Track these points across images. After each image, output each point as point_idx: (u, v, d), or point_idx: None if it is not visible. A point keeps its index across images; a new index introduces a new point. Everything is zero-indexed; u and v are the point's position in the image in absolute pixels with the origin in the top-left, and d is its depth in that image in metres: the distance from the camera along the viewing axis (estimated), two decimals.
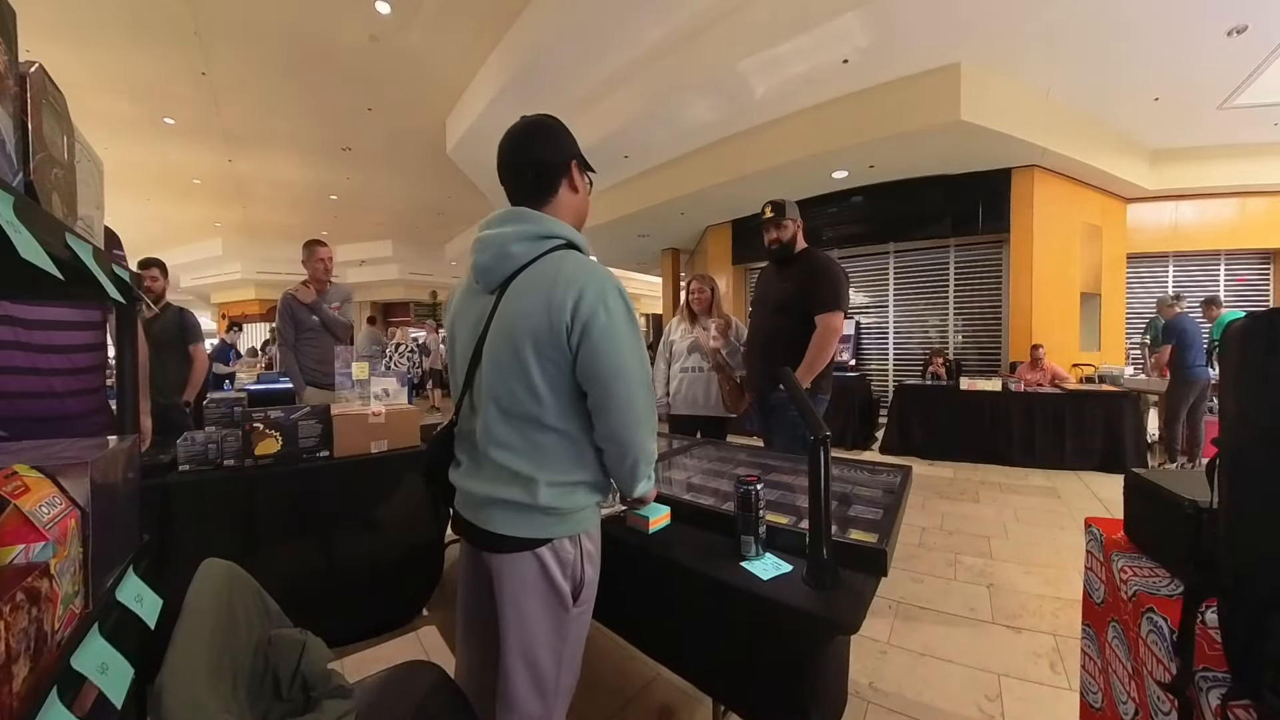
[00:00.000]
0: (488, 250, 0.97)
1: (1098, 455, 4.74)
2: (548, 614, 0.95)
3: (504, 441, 0.94)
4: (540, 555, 0.94)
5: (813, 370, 2.25)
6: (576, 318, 0.88)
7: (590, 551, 1.00)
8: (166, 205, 10.43)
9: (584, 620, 1.02)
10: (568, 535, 0.96)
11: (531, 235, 0.95)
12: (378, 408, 2.12)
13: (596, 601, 1.05)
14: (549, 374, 0.91)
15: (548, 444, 0.94)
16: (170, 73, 5.78)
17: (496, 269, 0.96)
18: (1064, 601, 2.31)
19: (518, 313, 0.92)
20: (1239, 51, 4.45)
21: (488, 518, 0.95)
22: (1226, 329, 0.67)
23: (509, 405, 0.93)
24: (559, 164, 1.01)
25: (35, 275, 0.58)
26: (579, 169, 1.04)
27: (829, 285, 2.27)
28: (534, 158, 1.00)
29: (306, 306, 3.24)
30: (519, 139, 1.00)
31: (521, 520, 0.93)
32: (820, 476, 0.98)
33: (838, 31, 4.15)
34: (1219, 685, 0.66)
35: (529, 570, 0.94)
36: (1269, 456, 0.58)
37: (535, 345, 0.90)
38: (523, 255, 0.94)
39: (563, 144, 1.02)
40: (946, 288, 6.80)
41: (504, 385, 0.93)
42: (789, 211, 2.41)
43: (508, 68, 5.56)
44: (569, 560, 0.96)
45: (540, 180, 1.00)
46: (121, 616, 0.80)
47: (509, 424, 0.94)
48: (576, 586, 0.98)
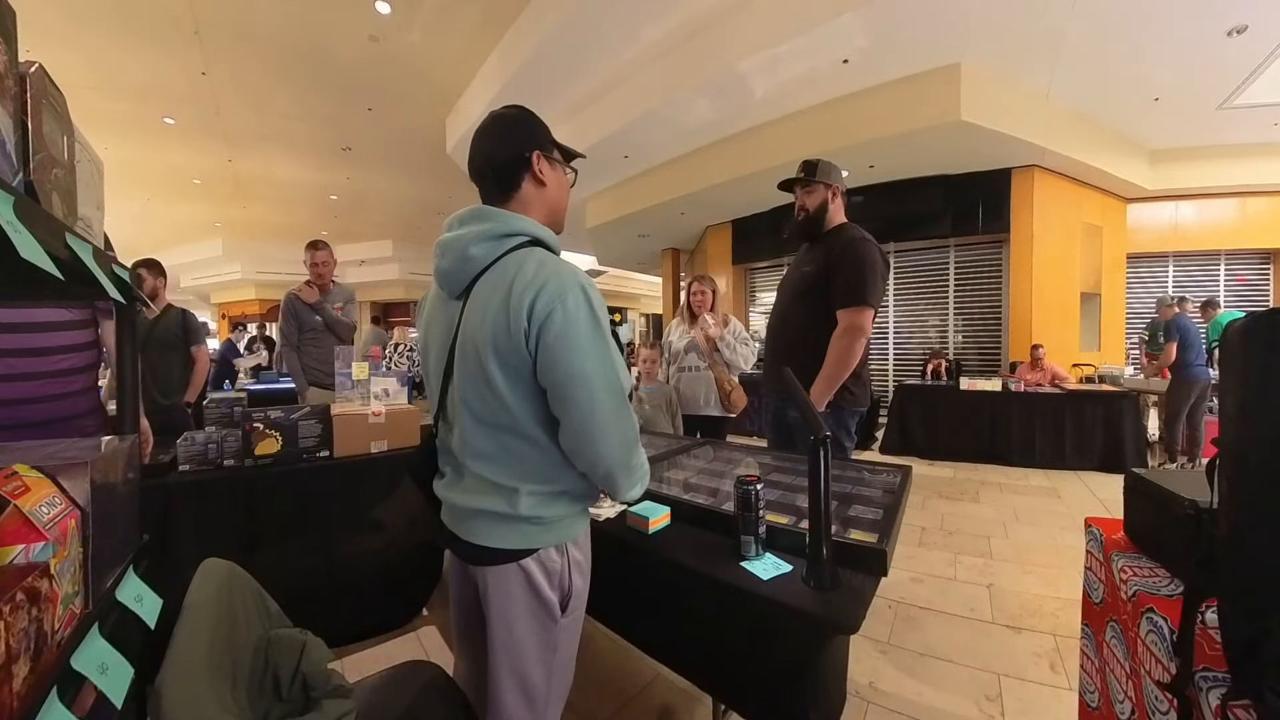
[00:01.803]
0: (448, 254, 0.93)
1: (1098, 455, 4.74)
2: (535, 626, 0.93)
3: (482, 452, 0.91)
4: (525, 567, 0.91)
5: (832, 384, 1.81)
6: (533, 319, 0.82)
7: (579, 560, 0.97)
8: (166, 205, 10.43)
9: (574, 629, 1.00)
10: (554, 544, 0.93)
11: (492, 235, 0.90)
12: (378, 408, 2.12)
13: (597, 601, 1.05)
14: (511, 382, 0.86)
15: (525, 453, 0.90)
16: (170, 73, 5.78)
17: (459, 273, 0.92)
18: (1064, 601, 2.31)
19: (479, 320, 0.87)
20: (1239, 51, 4.45)
21: (471, 529, 0.93)
22: (1226, 329, 0.67)
23: (483, 414, 0.89)
24: (517, 159, 0.95)
25: (35, 275, 0.58)
26: (546, 159, 0.98)
27: (855, 271, 1.80)
28: (489, 156, 0.95)
29: (309, 306, 3.25)
30: (476, 138, 0.97)
31: (505, 531, 0.90)
32: (820, 476, 0.98)
33: (838, 31, 4.15)
34: (1219, 685, 0.66)
35: (514, 583, 0.91)
36: (1269, 456, 0.58)
37: (496, 352, 0.85)
38: (484, 257, 0.90)
39: (520, 136, 0.96)
40: (946, 288, 6.80)
41: (475, 394, 0.89)
42: (820, 173, 1.95)
43: (508, 68, 5.56)
44: (556, 570, 0.93)
45: (500, 178, 0.95)
46: (121, 616, 0.80)
47: (485, 433, 0.90)
48: (565, 597, 0.95)
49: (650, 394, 2.87)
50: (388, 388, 2.26)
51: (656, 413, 2.82)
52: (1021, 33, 4.22)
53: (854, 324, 1.81)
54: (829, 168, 1.99)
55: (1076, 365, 6.08)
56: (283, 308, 3.28)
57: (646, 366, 2.97)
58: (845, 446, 1.97)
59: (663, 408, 2.83)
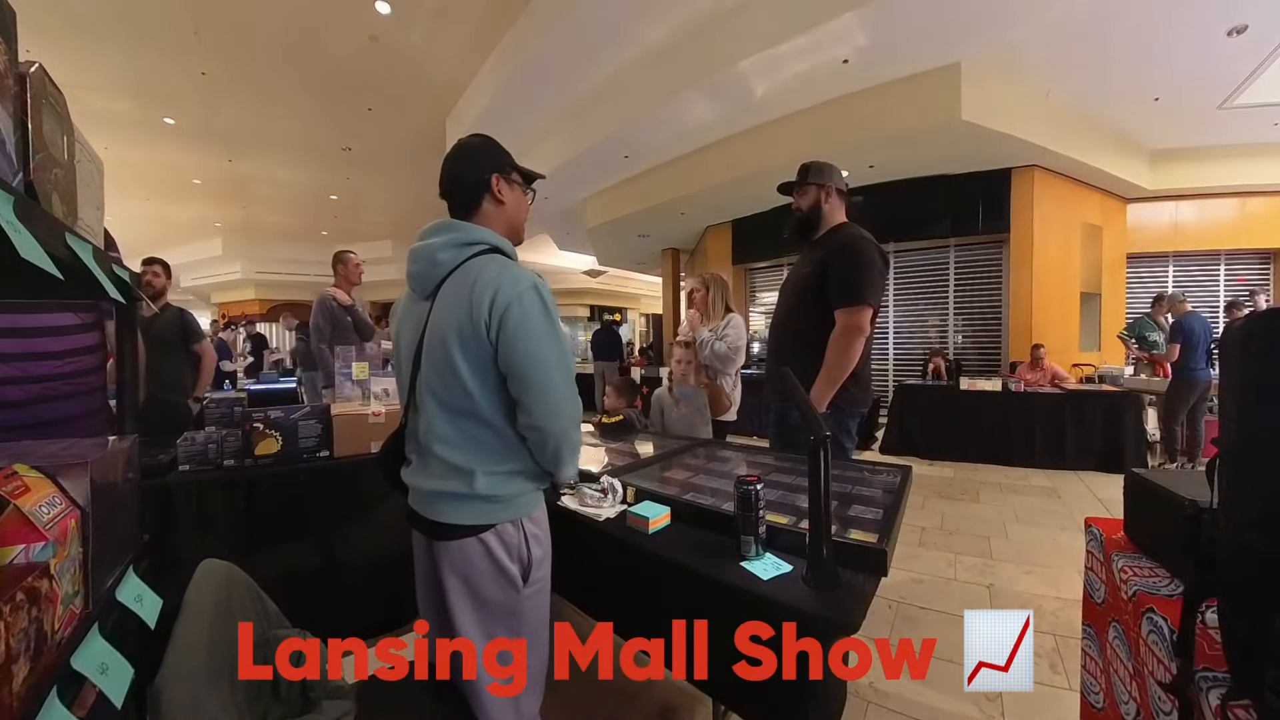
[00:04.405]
0: (419, 260, 1.06)
1: (1098, 455, 4.73)
2: (497, 590, 1.02)
3: (444, 437, 1.01)
4: (485, 540, 1.00)
5: (832, 383, 1.80)
6: (493, 312, 0.95)
7: (535, 534, 1.07)
8: (166, 205, 10.42)
9: (540, 599, 1.09)
10: (509, 520, 1.03)
11: (456, 243, 1.03)
12: (378, 408, 2.12)
13: (597, 601, 1.05)
14: (474, 368, 0.98)
15: (483, 438, 1.01)
16: (170, 73, 5.77)
17: (427, 275, 1.04)
18: (1064, 601, 2.30)
19: (446, 314, 0.99)
20: (1239, 51, 4.45)
21: (435, 509, 1.02)
22: (1226, 329, 0.67)
23: (446, 401, 1.00)
24: (479, 181, 1.09)
25: (35, 275, 0.58)
26: (505, 181, 1.11)
27: (852, 270, 1.80)
28: (455, 178, 1.10)
29: (344, 308, 3.55)
30: (446, 162, 1.12)
31: (464, 508, 1.00)
32: (820, 477, 0.98)
33: (838, 31, 4.15)
34: (1219, 685, 0.66)
35: (475, 553, 1.00)
36: (1269, 456, 0.58)
37: (460, 342, 0.97)
38: (449, 261, 1.02)
39: (481, 162, 1.11)
40: (946, 288, 6.80)
41: (440, 382, 1.00)
42: (813, 174, 1.98)
43: (508, 68, 5.55)
44: (513, 543, 1.03)
45: (465, 197, 1.10)
46: (121, 616, 0.80)
47: (448, 419, 1.01)
48: (525, 567, 1.05)
49: (685, 397, 2.57)
50: (387, 388, 2.26)
51: (694, 416, 2.54)
52: (1021, 33, 4.22)
53: (852, 323, 1.80)
54: (821, 167, 2.00)
55: (1076, 365, 6.08)
56: (319, 307, 3.54)
57: (680, 367, 2.62)
58: (846, 448, 1.97)
59: (699, 411, 2.56)
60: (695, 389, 2.63)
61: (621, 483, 1.50)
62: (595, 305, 17.49)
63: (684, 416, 2.57)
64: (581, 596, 1.52)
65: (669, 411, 2.62)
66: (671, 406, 2.62)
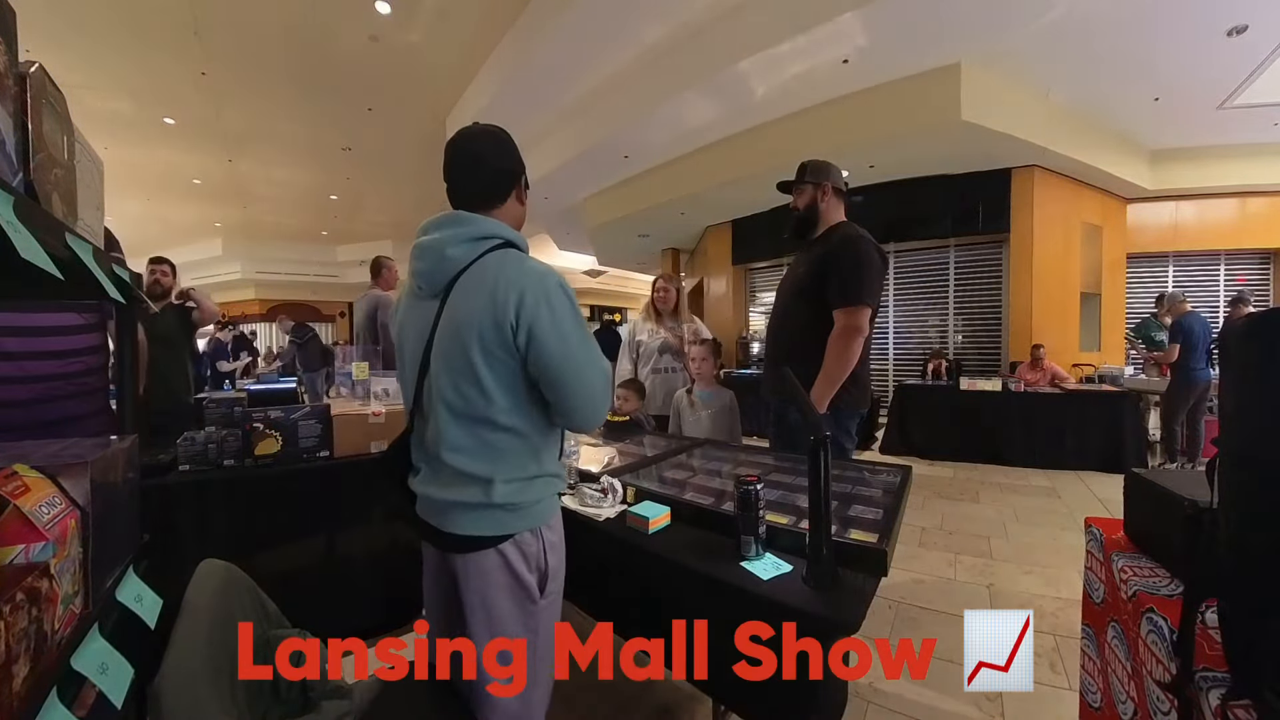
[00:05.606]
0: (426, 256, 0.98)
1: (1098, 455, 4.73)
2: (513, 605, 0.97)
3: (457, 445, 0.95)
4: (503, 551, 0.95)
5: (832, 384, 1.78)
6: (521, 318, 0.89)
7: (553, 542, 1.03)
8: (166, 205, 10.41)
9: (553, 610, 1.04)
10: (528, 529, 0.98)
11: (468, 237, 0.96)
12: (378, 408, 2.12)
13: (597, 601, 1.05)
14: (497, 373, 0.92)
15: (500, 443, 0.95)
16: (170, 73, 5.77)
17: (437, 273, 0.97)
18: (1064, 601, 2.30)
19: (463, 314, 0.93)
20: (1239, 51, 4.44)
21: (449, 520, 0.97)
22: (1226, 329, 0.67)
23: (460, 407, 0.94)
24: (510, 171, 1.04)
25: (35, 275, 0.58)
26: (524, 183, 1.08)
27: (850, 270, 1.77)
28: (498, 163, 1.03)
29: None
30: (484, 143, 1.02)
31: (482, 519, 0.95)
32: (820, 477, 0.98)
33: (838, 31, 4.14)
34: (1219, 685, 0.66)
35: (492, 566, 0.95)
36: (1269, 457, 0.58)
37: (482, 345, 0.91)
38: (461, 258, 0.95)
39: (518, 156, 1.07)
40: (946, 288, 6.79)
41: (454, 388, 0.94)
42: (810, 173, 1.97)
43: (508, 68, 5.55)
44: (532, 553, 0.98)
45: (498, 186, 1.03)
46: (121, 616, 0.80)
47: (461, 426, 0.95)
48: (542, 578, 1.00)
49: (706, 400, 2.41)
50: (388, 388, 2.26)
51: (719, 419, 2.40)
52: (1021, 33, 4.22)
53: (851, 323, 1.78)
54: (819, 166, 1.98)
55: (1076, 365, 6.08)
56: (369, 310, 3.75)
57: (699, 366, 2.47)
58: (846, 448, 1.96)
59: (724, 414, 2.41)
60: (718, 390, 2.51)
61: (621, 483, 1.50)
62: (595, 305, 17.51)
63: (704, 420, 2.42)
64: (581, 596, 1.52)
65: (685, 415, 2.55)
66: (688, 410, 2.52)
